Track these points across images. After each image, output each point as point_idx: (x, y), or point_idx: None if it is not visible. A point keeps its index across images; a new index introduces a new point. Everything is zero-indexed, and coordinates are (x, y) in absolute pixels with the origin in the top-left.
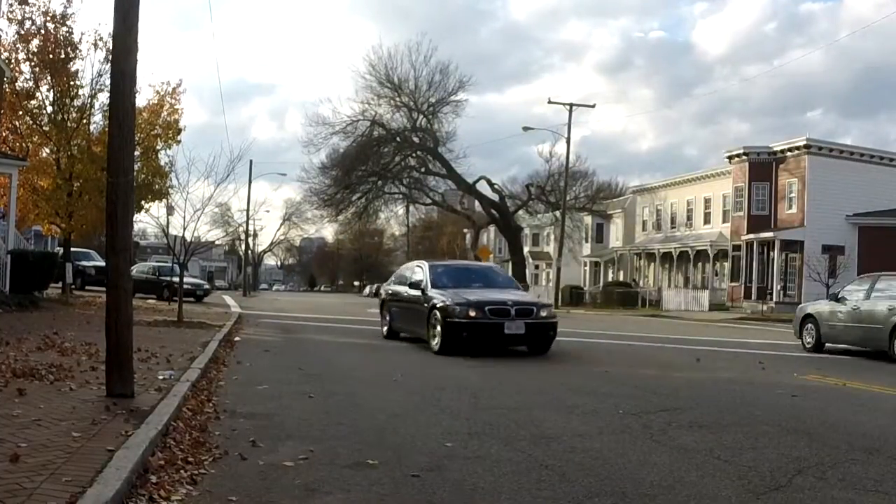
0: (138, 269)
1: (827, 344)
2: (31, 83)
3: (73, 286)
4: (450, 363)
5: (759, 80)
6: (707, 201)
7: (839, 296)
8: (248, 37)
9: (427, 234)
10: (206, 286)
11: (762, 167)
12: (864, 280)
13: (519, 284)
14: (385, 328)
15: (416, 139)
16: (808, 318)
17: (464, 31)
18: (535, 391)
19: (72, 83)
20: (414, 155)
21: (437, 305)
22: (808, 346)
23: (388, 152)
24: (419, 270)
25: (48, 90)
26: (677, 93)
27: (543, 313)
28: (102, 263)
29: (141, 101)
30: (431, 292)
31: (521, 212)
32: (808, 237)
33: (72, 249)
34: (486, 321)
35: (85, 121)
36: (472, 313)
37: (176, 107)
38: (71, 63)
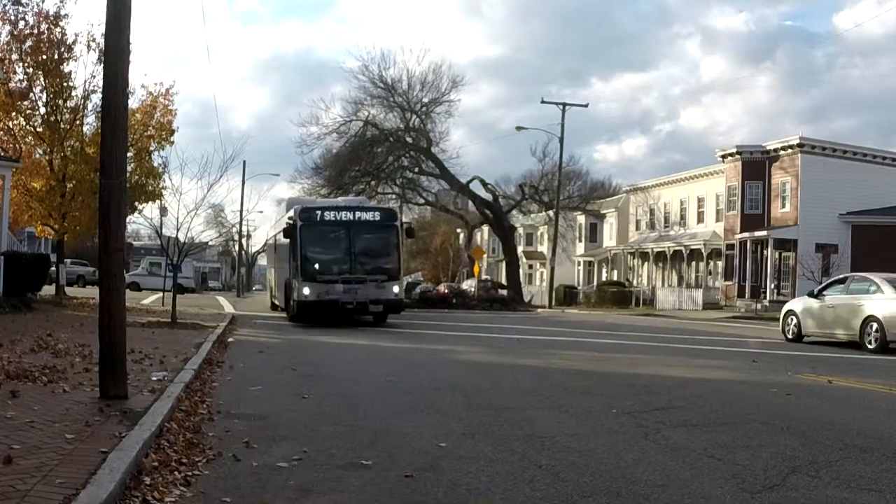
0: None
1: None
2: (24, 84)
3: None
4: (445, 364)
5: None
6: (700, 200)
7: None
8: (244, 34)
9: (420, 234)
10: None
11: (755, 166)
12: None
13: None
14: None
15: (409, 139)
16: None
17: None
18: (529, 391)
19: (65, 84)
20: (407, 155)
21: None
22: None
23: (382, 153)
24: None
25: (41, 91)
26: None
27: None
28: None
29: (134, 102)
30: None
31: (514, 211)
32: (801, 236)
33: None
34: None
35: (78, 122)
36: None
37: (169, 107)
38: (64, 64)
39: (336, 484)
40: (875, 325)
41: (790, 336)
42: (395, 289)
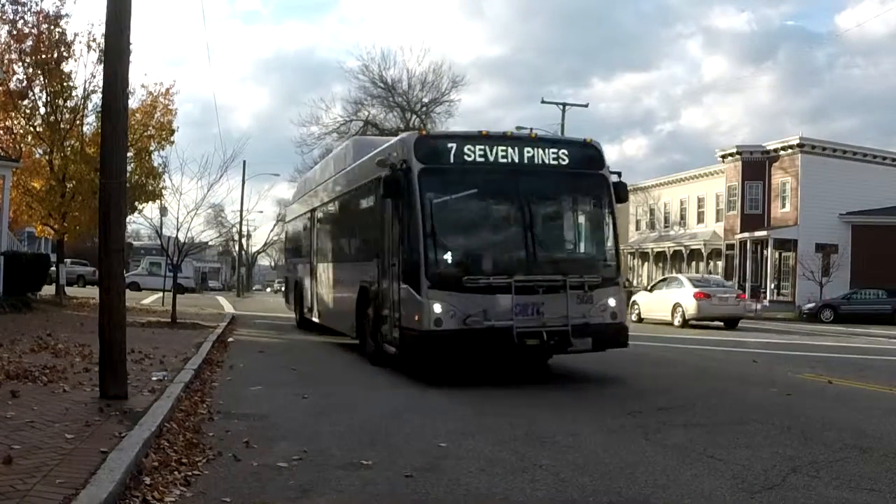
0: None
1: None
2: (23, 84)
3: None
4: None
5: None
6: (700, 200)
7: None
8: (244, 33)
9: None
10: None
11: (755, 166)
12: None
13: None
14: None
15: None
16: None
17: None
18: (529, 391)
19: (65, 84)
20: None
21: None
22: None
23: None
24: None
25: (41, 91)
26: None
27: None
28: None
29: (134, 101)
30: None
31: None
32: (801, 236)
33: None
34: None
35: (78, 122)
36: None
37: (170, 107)
38: (64, 63)
39: (336, 484)
40: (680, 309)
41: (634, 319)
42: (612, 302)
